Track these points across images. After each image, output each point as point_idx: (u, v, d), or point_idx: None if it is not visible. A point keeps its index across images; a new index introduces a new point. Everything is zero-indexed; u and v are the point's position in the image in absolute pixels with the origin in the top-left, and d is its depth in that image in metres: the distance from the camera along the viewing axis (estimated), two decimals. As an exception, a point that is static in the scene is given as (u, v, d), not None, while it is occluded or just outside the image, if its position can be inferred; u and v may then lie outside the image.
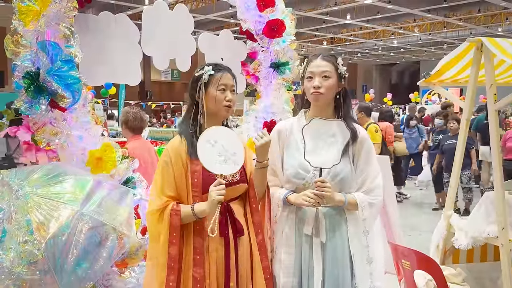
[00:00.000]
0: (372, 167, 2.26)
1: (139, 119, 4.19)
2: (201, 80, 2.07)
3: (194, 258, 2.00)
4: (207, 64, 2.12)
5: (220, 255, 2.03)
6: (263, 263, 2.15)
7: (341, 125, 2.18)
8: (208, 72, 2.07)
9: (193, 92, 2.11)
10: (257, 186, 2.20)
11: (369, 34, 24.91)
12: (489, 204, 2.73)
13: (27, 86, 2.16)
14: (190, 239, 2.03)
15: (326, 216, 2.19)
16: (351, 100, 2.33)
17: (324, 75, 2.18)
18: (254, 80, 3.59)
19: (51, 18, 2.21)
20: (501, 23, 20.90)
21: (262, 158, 2.13)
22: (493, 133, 2.62)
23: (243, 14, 3.38)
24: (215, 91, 2.07)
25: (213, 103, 2.07)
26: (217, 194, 1.92)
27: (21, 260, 1.85)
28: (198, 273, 1.99)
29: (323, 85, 2.18)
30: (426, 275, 2.61)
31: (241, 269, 2.09)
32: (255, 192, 2.20)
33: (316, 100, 2.22)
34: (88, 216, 1.99)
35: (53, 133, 2.29)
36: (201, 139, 1.98)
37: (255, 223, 2.17)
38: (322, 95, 2.19)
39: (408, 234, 5.99)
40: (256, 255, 2.14)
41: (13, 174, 2.07)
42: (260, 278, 2.12)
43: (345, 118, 2.24)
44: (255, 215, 2.18)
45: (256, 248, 2.15)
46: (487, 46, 2.55)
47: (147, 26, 2.91)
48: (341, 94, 2.25)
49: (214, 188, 1.94)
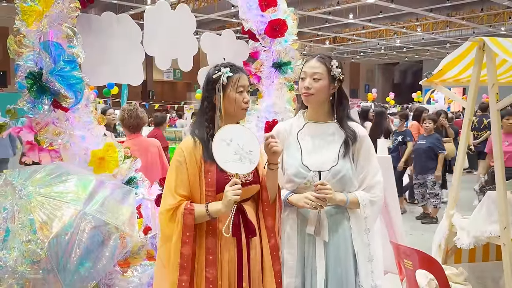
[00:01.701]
0: (372, 164, 2.27)
1: (135, 117, 4.02)
2: (220, 82, 2.03)
3: (207, 258, 1.99)
4: (224, 65, 2.07)
5: (233, 256, 2.02)
6: (275, 268, 2.13)
7: (335, 126, 2.21)
8: (227, 74, 2.03)
9: (210, 94, 2.06)
10: (270, 188, 2.16)
11: (371, 34, 24.89)
12: (491, 203, 2.73)
13: (30, 86, 2.17)
14: (202, 239, 2.02)
15: (328, 215, 2.20)
16: (348, 101, 2.33)
17: (314, 77, 2.19)
18: (256, 80, 3.59)
19: (54, 19, 2.22)
20: (504, 22, 20.84)
21: (275, 161, 2.11)
22: (495, 133, 2.62)
23: (245, 13, 3.38)
24: (234, 93, 2.04)
25: (233, 105, 2.05)
26: (233, 194, 1.90)
27: (25, 259, 1.86)
28: (211, 273, 1.97)
29: (313, 87, 2.19)
30: (428, 275, 2.61)
31: (253, 271, 2.07)
32: (268, 195, 2.16)
33: (306, 101, 2.25)
34: (90, 215, 2.00)
35: (56, 133, 2.30)
36: (216, 138, 1.96)
37: (268, 227, 2.15)
38: (311, 96, 2.20)
39: (410, 233, 5.98)
40: (268, 260, 2.12)
41: (16, 174, 2.08)
42: (271, 282, 2.10)
43: (341, 118, 2.25)
44: (268, 219, 2.15)
45: (268, 253, 2.13)
46: (489, 46, 2.55)
47: (149, 26, 2.92)
48: (335, 96, 2.25)
49: (230, 188, 1.92)
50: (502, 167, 2.59)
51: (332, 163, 2.14)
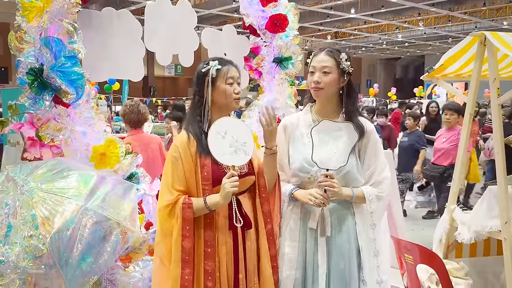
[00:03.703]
0: (379, 160, 2.27)
1: (136, 112, 4.01)
2: (209, 75, 2.07)
3: (205, 251, 2.02)
4: (212, 59, 2.11)
5: (229, 248, 2.06)
6: (271, 252, 2.17)
7: (349, 127, 2.19)
8: (215, 66, 2.07)
9: (200, 88, 2.10)
10: (268, 174, 2.20)
11: (373, 28, 24.78)
12: (492, 198, 2.73)
13: (31, 82, 2.17)
14: (200, 232, 2.04)
15: (332, 210, 2.20)
16: (357, 94, 2.33)
17: (324, 71, 2.19)
18: (257, 75, 3.59)
19: (55, 14, 2.22)
20: (506, 17, 20.72)
21: (271, 144, 2.14)
22: (496, 127, 2.61)
23: (246, 9, 3.37)
24: (224, 85, 2.08)
25: (223, 97, 2.08)
26: (231, 186, 1.94)
27: (27, 255, 1.87)
28: (210, 265, 2.00)
29: (323, 81, 2.19)
30: (429, 269, 2.62)
31: (248, 262, 2.10)
32: (265, 182, 2.21)
33: (316, 96, 2.24)
34: (92, 211, 2.01)
35: (57, 128, 2.30)
36: (211, 131, 1.99)
37: (264, 212, 2.18)
38: (321, 90, 2.20)
39: (411, 228, 5.99)
40: (264, 244, 2.16)
41: (18, 169, 2.09)
42: (267, 268, 2.14)
43: (350, 112, 2.24)
44: (265, 205, 2.19)
45: (265, 237, 2.16)
46: (491, 40, 2.54)
47: (150, 21, 2.91)
48: (344, 89, 2.25)
49: (227, 180, 1.95)
50: (503, 161, 2.59)
51: (342, 162, 2.14)
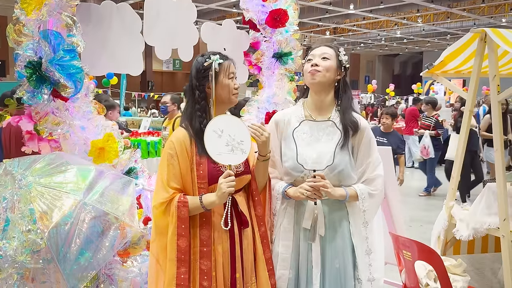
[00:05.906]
0: (373, 157, 2.25)
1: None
2: (212, 69, 2.03)
3: (201, 250, 1.99)
4: (212, 53, 2.08)
5: (226, 247, 2.03)
6: (266, 255, 2.15)
7: (332, 125, 2.19)
8: (217, 61, 2.04)
9: (202, 83, 2.06)
10: (259, 178, 2.19)
11: (372, 25, 24.77)
12: (491, 195, 2.73)
13: (29, 75, 2.15)
14: (196, 231, 2.02)
15: (326, 211, 2.18)
16: (351, 92, 2.32)
17: (323, 57, 2.18)
18: (257, 70, 3.58)
19: (53, 7, 2.20)
20: (505, 14, 20.75)
21: (265, 152, 2.11)
22: (496, 124, 2.61)
23: (246, 3, 3.35)
24: (226, 79, 2.06)
25: (226, 92, 2.06)
26: (227, 186, 1.91)
27: (25, 249, 1.86)
28: (205, 265, 1.98)
29: (321, 64, 2.17)
30: (427, 266, 2.62)
31: (245, 261, 2.09)
32: (257, 185, 2.19)
33: (312, 79, 2.18)
34: (90, 205, 2.00)
35: (56, 122, 2.29)
36: (208, 130, 1.95)
37: (257, 216, 2.17)
38: (319, 73, 2.16)
39: (409, 225, 6.00)
40: (259, 247, 2.14)
41: (16, 163, 2.08)
42: (263, 270, 2.12)
43: (345, 108, 2.23)
44: (257, 208, 2.17)
45: (259, 241, 2.15)
46: (491, 37, 2.54)
47: (149, 15, 2.89)
48: (340, 84, 2.24)
49: (224, 180, 1.92)
50: (502, 158, 2.59)
51: (327, 162, 2.13)
